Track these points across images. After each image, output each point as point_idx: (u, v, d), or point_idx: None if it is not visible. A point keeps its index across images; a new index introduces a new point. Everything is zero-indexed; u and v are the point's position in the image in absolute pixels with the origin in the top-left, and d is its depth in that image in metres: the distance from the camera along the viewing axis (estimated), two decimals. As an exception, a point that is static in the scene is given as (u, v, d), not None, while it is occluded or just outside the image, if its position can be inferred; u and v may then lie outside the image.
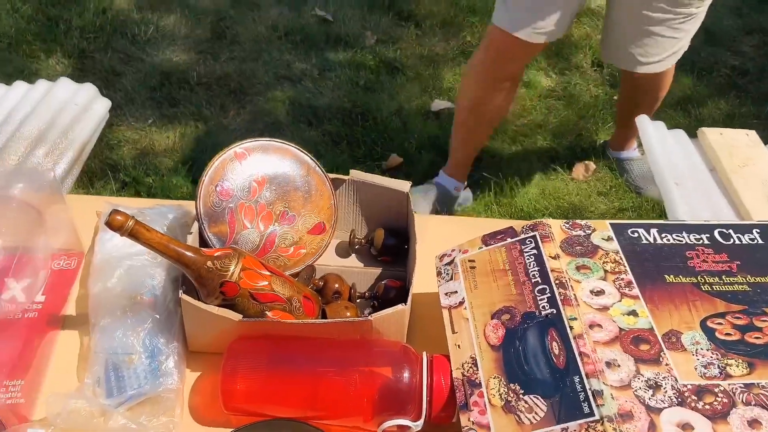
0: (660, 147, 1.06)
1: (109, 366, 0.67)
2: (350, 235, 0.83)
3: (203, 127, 2.03)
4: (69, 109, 1.04)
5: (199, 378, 0.70)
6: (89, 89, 1.11)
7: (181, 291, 0.67)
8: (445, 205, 1.79)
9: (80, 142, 1.02)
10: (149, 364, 0.66)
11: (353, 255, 0.85)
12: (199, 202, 0.75)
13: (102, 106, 1.10)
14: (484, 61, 1.59)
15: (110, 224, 0.61)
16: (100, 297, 0.72)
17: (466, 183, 1.85)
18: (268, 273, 0.68)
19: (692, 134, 1.30)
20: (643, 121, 1.10)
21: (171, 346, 0.68)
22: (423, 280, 0.72)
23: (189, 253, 0.65)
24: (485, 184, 1.93)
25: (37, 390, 0.68)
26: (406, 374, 0.63)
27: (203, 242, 0.75)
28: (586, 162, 2.00)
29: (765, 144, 1.10)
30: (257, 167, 0.78)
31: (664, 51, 1.52)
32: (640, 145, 1.93)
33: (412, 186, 0.82)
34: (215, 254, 0.66)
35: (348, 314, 0.72)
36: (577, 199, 1.93)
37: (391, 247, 0.82)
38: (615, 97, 2.25)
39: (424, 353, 0.65)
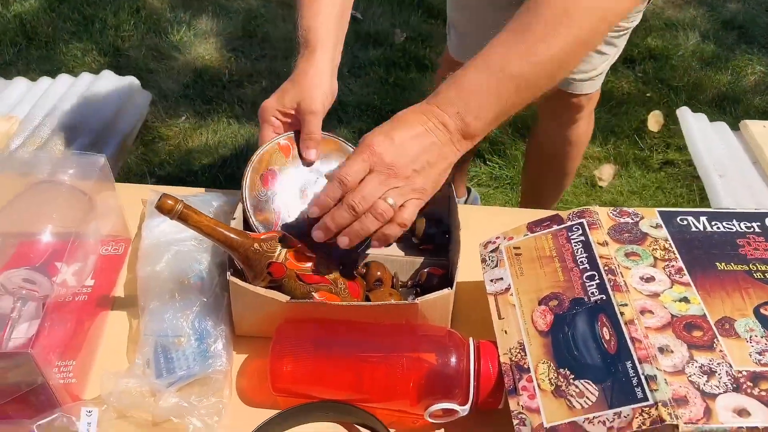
0: (702, 139, 1.05)
1: (158, 348, 0.68)
2: (392, 223, 0.83)
3: (236, 124, 2.05)
4: (112, 101, 1.06)
5: (245, 361, 0.71)
6: (131, 81, 1.13)
7: (228, 273, 0.68)
8: None
9: (123, 133, 1.04)
10: (198, 346, 0.67)
11: (394, 244, 0.85)
12: (245, 191, 0.75)
13: (143, 98, 1.12)
14: None
15: (160, 207, 0.62)
16: (149, 281, 0.73)
17: (468, 193, 1.80)
18: (313, 255, 0.69)
19: (734, 128, 1.28)
20: (684, 113, 1.09)
21: (219, 329, 0.69)
22: (465, 268, 0.72)
23: (236, 236, 0.65)
24: (515, 184, 1.92)
25: (88, 370, 0.69)
26: (453, 359, 0.63)
27: (249, 229, 0.75)
28: (611, 164, 1.98)
29: (810, 137, 1.08)
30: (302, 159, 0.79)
31: (593, 67, 1.24)
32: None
33: None
34: (262, 237, 0.67)
35: (392, 301, 0.73)
36: (610, 196, 1.91)
37: (432, 236, 0.82)
38: (648, 95, 2.23)
39: (471, 339, 0.65)
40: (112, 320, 0.74)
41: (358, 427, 0.65)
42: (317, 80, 0.76)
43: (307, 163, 0.79)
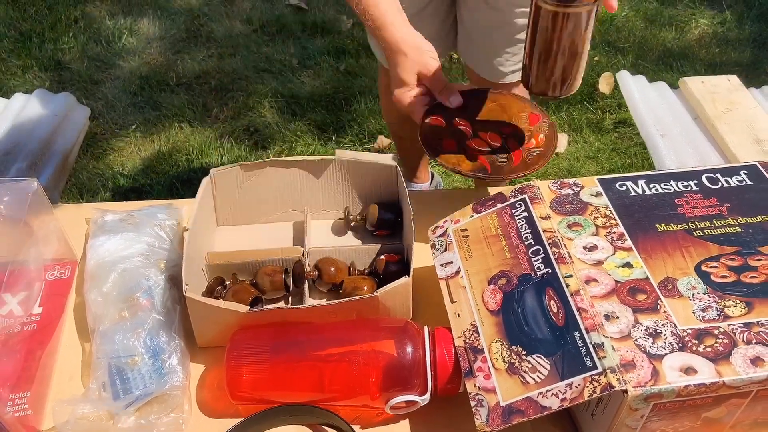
0: (642, 101, 1.06)
1: (112, 370, 0.67)
2: (345, 212, 0.83)
3: (188, 128, 2.02)
4: (47, 120, 1.03)
5: (204, 372, 0.70)
6: (67, 98, 1.10)
7: (185, 288, 0.67)
8: None
9: (62, 152, 1.01)
10: (153, 363, 0.66)
11: (349, 233, 0.85)
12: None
13: (81, 114, 1.10)
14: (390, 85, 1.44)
15: None
16: (97, 303, 0.71)
17: (431, 178, 1.78)
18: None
19: (674, 86, 1.30)
20: (623, 76, 1.10)
21: (173, 344, 0.68)
22: (419, 253, 0.72)
23: None
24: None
25: (43, 400, 0.68)
26: (409, 350, 0.63)
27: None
28: (564, 133, 2.00)
29: (747, 87, 1.10)
30: None
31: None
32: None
33: None
34: None
35: (365, 288, 0.73)
36: (567, 163, 1.93)
37: (386, 221, 0.82)
38: (596, 59, 2.25)
39: (426, 327, 0.65)
40: (64, 346, 0.73)
41: (322, 427, 0.65)
42: (413, 43, 0.80)
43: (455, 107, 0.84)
